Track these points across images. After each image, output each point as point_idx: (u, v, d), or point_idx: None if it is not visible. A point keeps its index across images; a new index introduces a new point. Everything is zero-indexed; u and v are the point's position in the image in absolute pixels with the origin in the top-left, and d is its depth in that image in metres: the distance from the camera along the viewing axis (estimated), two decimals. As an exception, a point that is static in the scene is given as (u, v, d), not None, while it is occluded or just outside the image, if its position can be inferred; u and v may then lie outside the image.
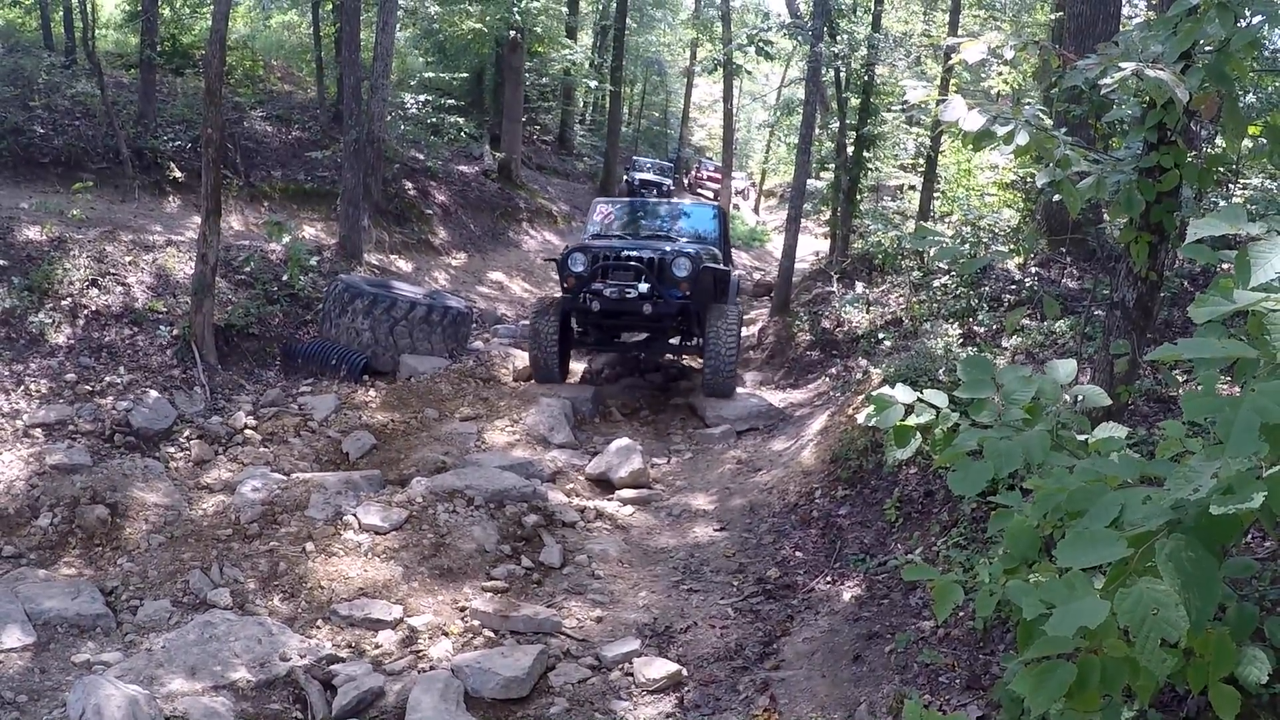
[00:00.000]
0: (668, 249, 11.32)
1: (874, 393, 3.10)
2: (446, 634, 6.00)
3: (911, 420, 3.02)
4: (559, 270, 11.46)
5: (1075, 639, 2.25)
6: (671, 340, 12.19)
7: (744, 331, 16.90)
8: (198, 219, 11.98)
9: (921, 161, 18.49)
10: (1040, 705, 2.41)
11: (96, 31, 18.30)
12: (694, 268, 10.91)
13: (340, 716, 5.11)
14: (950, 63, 9.20)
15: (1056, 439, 2.97)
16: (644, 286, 10.72)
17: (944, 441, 2.97)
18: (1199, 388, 2.36)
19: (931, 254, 12.20)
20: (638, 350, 12.59)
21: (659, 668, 5.52)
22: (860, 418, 3.14)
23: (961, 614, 5.05)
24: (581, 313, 11.27)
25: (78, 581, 6.31)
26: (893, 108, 18.92)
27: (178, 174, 15.08)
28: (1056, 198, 4.30)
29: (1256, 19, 3.62)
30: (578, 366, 13.11)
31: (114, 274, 10.64)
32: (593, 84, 29.26)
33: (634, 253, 11.07)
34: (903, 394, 3.04)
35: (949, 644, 4.97)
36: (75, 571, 6.58)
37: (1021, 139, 3.96)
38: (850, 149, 17.94)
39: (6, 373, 8.77)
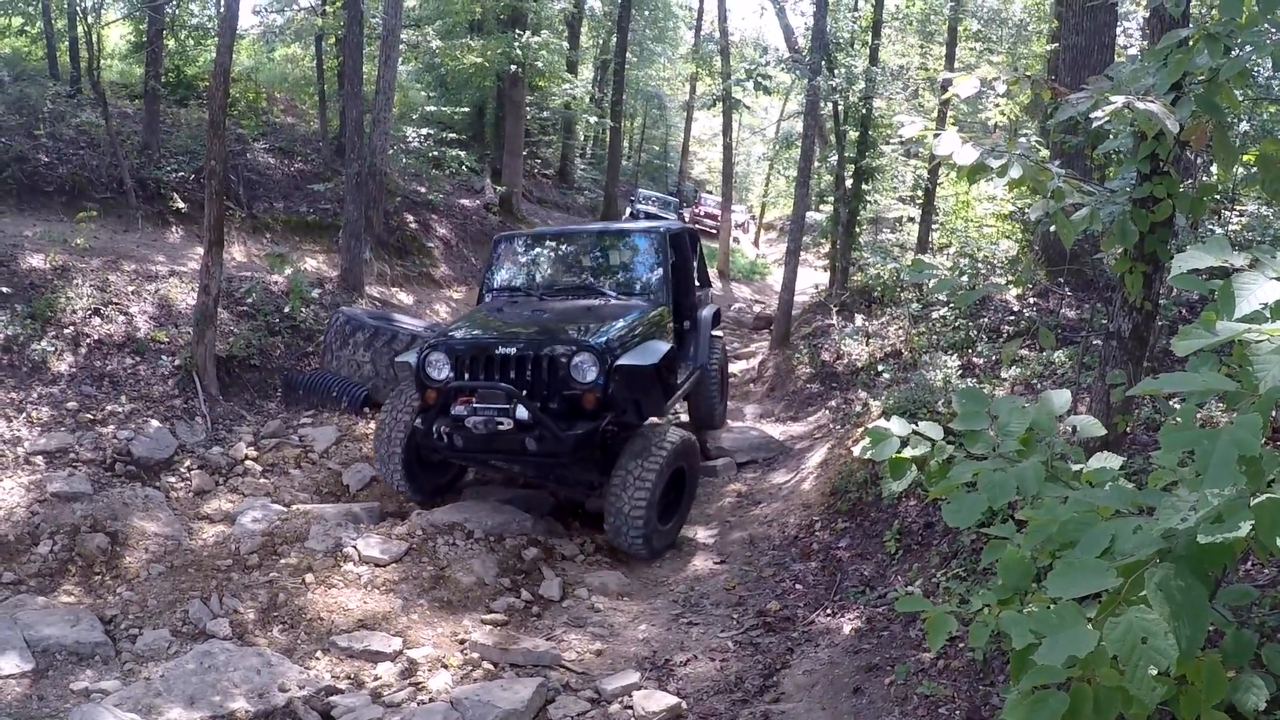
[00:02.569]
0: (561, 340, 7.95)
1: (870, 425, 3.12)
2: (446, 666, 5.99)
3: (907, 452, 3.04)
4: (415, 380, 8.12)
5: (1066, 668, 2.27)
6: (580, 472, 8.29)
7: (744, 365, 16.90)
8: (200, 249, 12.03)
9: (920, 194, 18.57)
10: (1033, 735, 2.41)
11: (101, 62, 18.43)
12: (601, 368, 7.60)
13: (339, 748, 5.10)
14: (945, 96, 9.30)
15: (1051, 470, 2.99)
16: (523, 412, 7.42)
17: (939, 474, 2.99)
18: (1178, 420, 2.39)
19: (929, 286, 12.22)
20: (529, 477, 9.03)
21: (659, 701, 5.50)
22: (856, 450, 3.17)
23: (961, 645, 5.05)
24: (444, 448, 7.98)
25: (77, 609, 6.31)
26: (891, 140, 19.01)
27: (181, 204, 15.15)
28: (1053, 229, 4.34)
29: (1246, 49, 3.66)
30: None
31: (116, 303, 10.69)
32: (593, 119, 29.40)
33: (509, 350, 7.77)
34: (898, 426, 3.06)
35: (949, 675, 4.96)
36: (75, 599, 6.58)
37: (1015, 172, 4.01)
38: (849, 182, 18.02)
39: (8, 400, 8.80)
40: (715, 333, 11.72)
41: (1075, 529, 2.48)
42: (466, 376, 7.83)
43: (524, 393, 7.60)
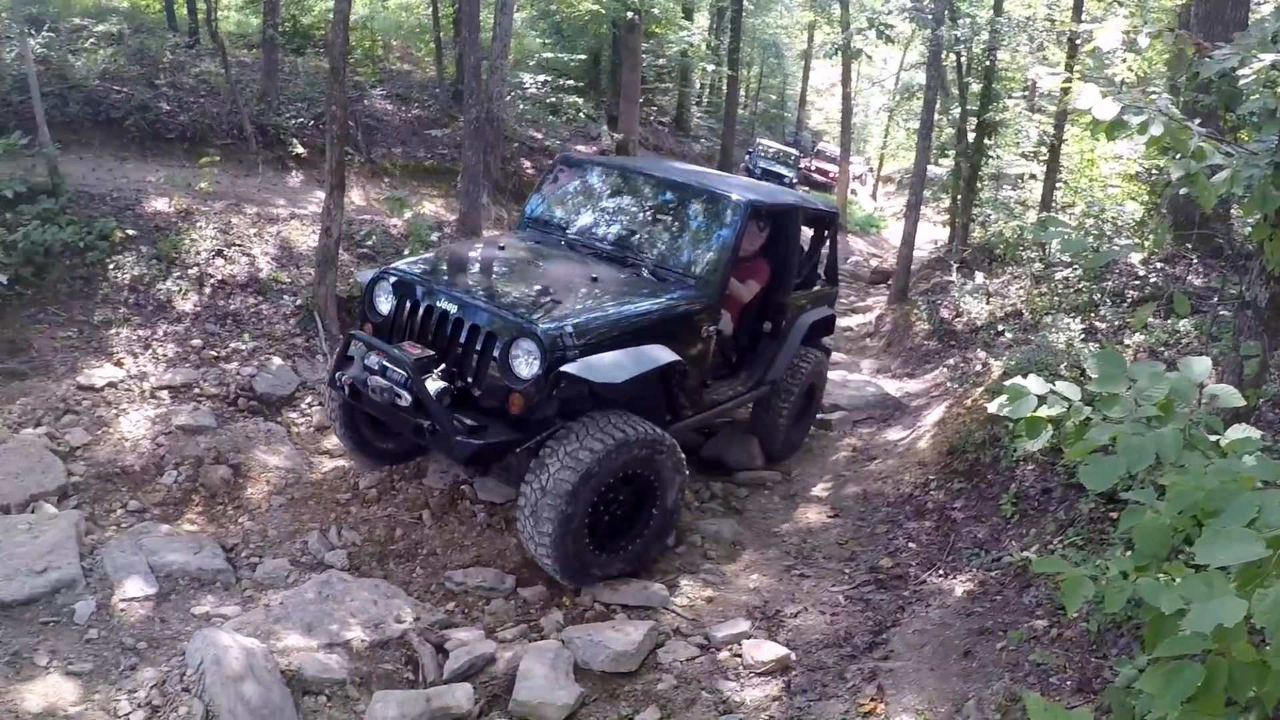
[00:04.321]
0: (512, 312, 6.05)
1: (1007, 383, 3.06)
2: (559, 605, 6.08)
3: (1043, 411, 2.98)
4: (363, 306, 6.96)
5: (1207, 639, 2.23)
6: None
7: (861, 319, 16.70)
8: (319, 193, 12.23)
9: (1044, 150, 18.12)
10: (1166, 705, 2.38)
11: (218, 13, 18.78)
12: (542, 365, 5.78)
13: (451, 679, 5.21)
14: (1086, 48, 8.88)
15: (1188, 438, 2.91)
16: (435, 386, 5.93)
17: (1075, 435, 2.93)
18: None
19: (1056, 245, 11.93)
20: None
21: (768, 650, 5.53)
22: (992, 406, 3.09)
23: (1075, 615, 4.98)
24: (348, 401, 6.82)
25: (200, 537, 6.47)
26: (1014, 94, 18.54)
27: (300, 150, 15.40)
28: (1183, 191, 4.19)
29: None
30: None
31: (239, 245, 10.92)
32: (710, 67, 29.14)
33: (452, 307, 6.19)
34: (1035, 385, 3.00)
35: (1061, 645, 4.90)
36: (197, 528, 6.75)
37: (1155, 129, 3.86)
38: (971, 135, 17.66)
39: (135, 337, 9.06)
40: (826, 342, 9.88)
41: (1221, 497, 2.41)
42: (404, 319, 6.47)
43: (441, 366, 6.07)
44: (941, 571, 6.36)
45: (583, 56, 26.55)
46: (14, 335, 8.77)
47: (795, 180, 30.52)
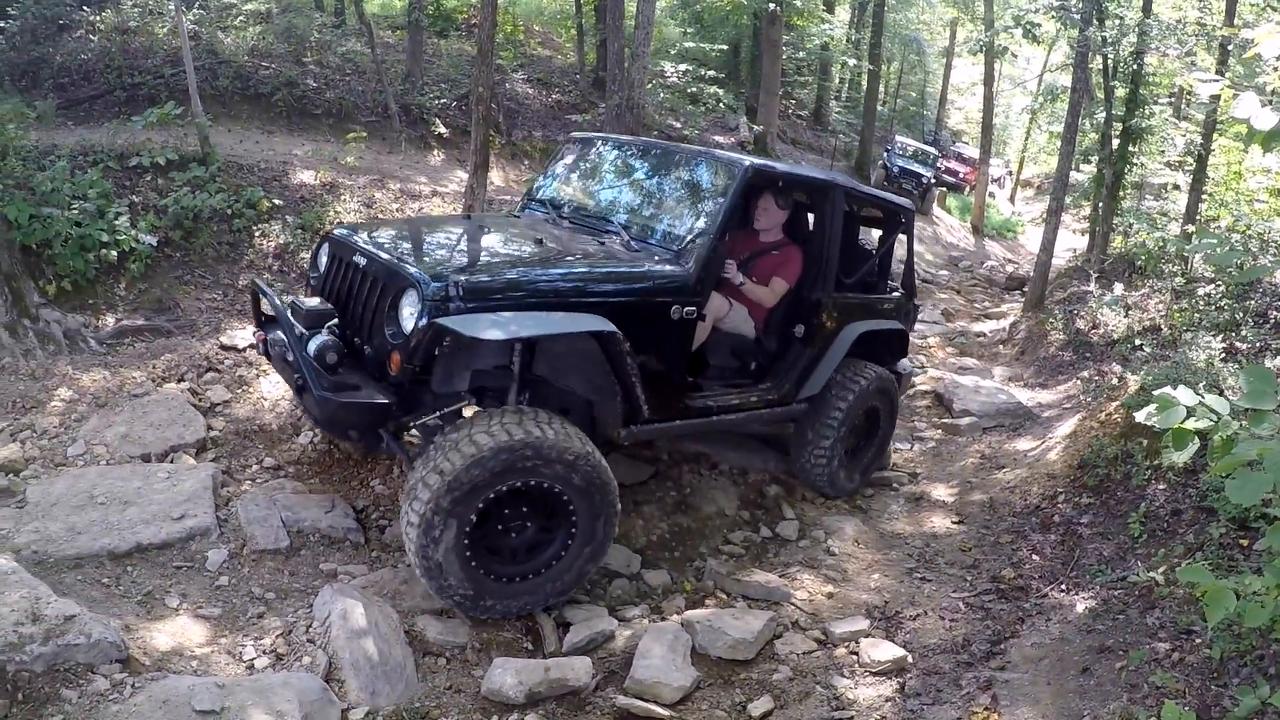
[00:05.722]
0: (406, 265, 5.29)
1: (1156, 392, 3.02)
2: (680, 590, 6.15)
3: (1190, 424, 2.93)
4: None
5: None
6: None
7: (995, 325, 16.37)
8: (460, 172, 12.47)
9: (1189, 160, 17.54)
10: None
11: (364, -5, 19.32)
12: (424, 318, 4.93)
13: (570, 653, 5.29)
14: (1247, 55, 8.47)
15: (1334, 461, 2.84)
16: (316, 344, 5.14)
17: (1222, 449, 2.88)
18: None
19: (1201, 257, 11.53)
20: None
21: (885, 650, 5.52)
22: (1140, 415, 3.05)
23: (1199, 641, 4.87)
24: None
25: (332, 497, 6.60)
26: (1160, 99, 17.96)
27: (442, 129, 15.78)
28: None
29: None
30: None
31: (381, 219, 11.20)
32: (851, 62, 28.86)
33: (361, 260, 5.58)
34: (1185, 396, 2.96)
35: (1182, 669, 4.79)
36: (330, 488, 6.88)
37: (1315, 141, 3.74)
38: (1115, 142, 17.18)
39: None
40: (902, 365, 8.58)
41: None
42: (331, 279, 5.93)
43: (334, 321, 5.42)
44: (1064, 586, 6.26)
45: (723, 47, 26.57)
46: (162, 294, 9.13)
47: (932, 180, 29.83)
